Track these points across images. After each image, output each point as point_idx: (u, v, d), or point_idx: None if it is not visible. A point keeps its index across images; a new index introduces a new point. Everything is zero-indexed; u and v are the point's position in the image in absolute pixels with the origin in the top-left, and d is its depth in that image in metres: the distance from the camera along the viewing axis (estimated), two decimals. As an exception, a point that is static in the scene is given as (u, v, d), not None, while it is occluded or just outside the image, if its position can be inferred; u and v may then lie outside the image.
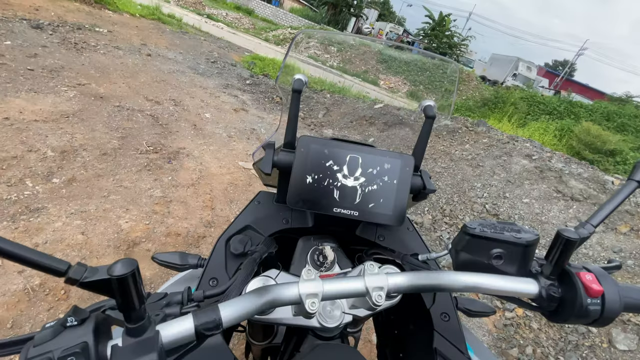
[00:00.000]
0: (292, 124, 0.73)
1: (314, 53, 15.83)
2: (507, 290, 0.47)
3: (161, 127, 3.94)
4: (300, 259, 0.74)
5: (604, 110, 14.14)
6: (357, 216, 0.69)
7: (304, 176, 0.69)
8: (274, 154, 0.72)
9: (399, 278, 0.52)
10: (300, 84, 0.71)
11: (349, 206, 0.69)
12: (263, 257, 0.64)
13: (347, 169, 0.70)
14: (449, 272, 0.50)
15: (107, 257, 2.18)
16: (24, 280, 1.92)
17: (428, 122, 0.75)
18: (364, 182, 0.70)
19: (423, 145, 0.76)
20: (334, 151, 0.70)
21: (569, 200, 3.69)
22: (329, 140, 0.71)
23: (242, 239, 0.70)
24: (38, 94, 3.70)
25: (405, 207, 0.69)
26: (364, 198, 0.70)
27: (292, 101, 0.71)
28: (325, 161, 0.70)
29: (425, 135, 0.75)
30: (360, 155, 0.71)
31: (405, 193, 0.70)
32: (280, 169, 0.73)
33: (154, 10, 11.04)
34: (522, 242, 0.48)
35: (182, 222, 2.64)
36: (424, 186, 0.74)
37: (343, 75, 12.80)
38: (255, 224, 0.76)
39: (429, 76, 13.92)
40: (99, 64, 5.18)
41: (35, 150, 2.83)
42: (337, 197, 0.69)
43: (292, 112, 0.72)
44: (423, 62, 8.91)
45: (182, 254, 0.71)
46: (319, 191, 0.69)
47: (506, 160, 4.34)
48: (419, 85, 14.81)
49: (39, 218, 2.28)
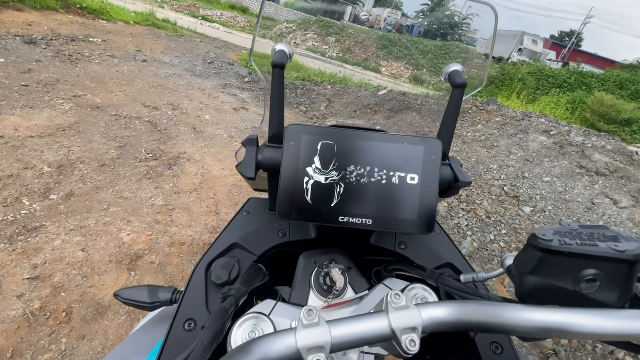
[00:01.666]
0: (276, 110, 0.57)
1: (312, 45, 15.56)
2: (611, 333, 0.31)
3: (160, 133, 3.83)
4: (303, 283, 0.59)
5: (617, 78, 13.58)
6: (371, 225, 0.53)
7: (296, 177, 0.53)
8: (257, 152, 0.56)
9: (437, 311, 0.37)
10: (283, 56, 0.55)
11: (360, 213, 0.53)
12: (240, 302, 0.48)
13: (354, 164, 0.54)
14: (516, 305, 0.35)
15: (110, 274, 2.07)
16: (24, 304, 1.82)
17: (457, 93, 0.57)
18: (377, 180, 0.54)
19: (451, 124, 0.58)
20: (333, 142, 0.54)
21: (594, 176, 3.45)
22: (327, 129, 0.55)
23: (226, 263, 0.55)
24: (33, 110, 3.62)
25: (435, 208, 0.53)
26: (378, 200, 0.53)
27: (273, 80, 0.55)
28: (324, 155, 0.54)
29: (454, 110, 0.58)
30: (370, 145, 0.54)
31: (434, 190, 0.53)
32: (268, 170, 0.57)
33: (148, 17, 10.93)
34: (627, 256, 0.32)
35: (186, 230, 2.52)
36: (456, 178, 0.57)
37: (343, 66, 12.54)
38: (245, 241, 0.61)
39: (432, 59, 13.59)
40: (94, 74, 5.09)
41: (32, 167, 2.74)
42: (342, 202, 0.53)
43: (275, 94, 0.56)
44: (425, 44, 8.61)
45: (152, 289, 0.57)
46: (318, 196, 0.53)
47: (522, 138, 4.10)
48: (422, 68, 14.46)
49: (37, 237, 2.19)
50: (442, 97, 6.33)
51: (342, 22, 18.53)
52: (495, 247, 3.06)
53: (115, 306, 1.92)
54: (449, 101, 0.57)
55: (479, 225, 3.28)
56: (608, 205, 3.22)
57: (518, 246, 3.06)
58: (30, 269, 2.00)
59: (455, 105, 0.57)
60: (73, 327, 1.79)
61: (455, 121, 0.58)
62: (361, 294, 0.56)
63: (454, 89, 0.57)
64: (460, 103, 0.57)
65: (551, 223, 3.19)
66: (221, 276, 0.53)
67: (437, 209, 0.54)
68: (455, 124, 0.58)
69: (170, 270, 2.20)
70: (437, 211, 0.54)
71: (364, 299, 0.55)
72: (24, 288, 1.90)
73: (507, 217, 3.33)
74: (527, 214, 3.31)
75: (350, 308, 0.54)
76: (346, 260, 0.63)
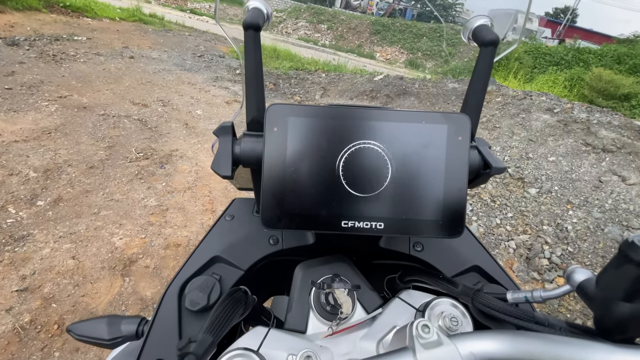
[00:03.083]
0: (253, 87, 0.44)
1: (304, 34, 15.26)
2: None
3: (150, 130, 3.69)
4: (301, 303, 0.48)
5: (614, 53, 13.39)
6: (383, 230, 0.42)
7: (284, 173, 0.42)
8: (233, 143, 0.44)
9: (482, 345, 0.27)
10: (258, 15, 0.43)
11: (368, 215, 0.42)
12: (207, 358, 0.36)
13: (358, 152, 0.42)
14: (603, 344, 0.24)
15: (102, 281, 1.98)
16: (13, 318, 1.73)
17: (486, 53, 0.45)
18: (389, 171, 0.42)
19: (479, 94, 0.46)
20: (330, 124, 0.42)
21: (601, 153, 3.35)
22: (321, 108, 0.43)
23: (204, 282, 0.45)
24: (17, 113, 3.48)
25: (464, 203, 0.42)
26: (391, 197, 0.42)
27: (246, 46, 0.43)
28: (318, 142, 0.42)
29: (483, 76, 0.46)
30: (378, 126, 0.42)
31: (462, 180, 0.42)
32: (248, 165, 0.46)
33: (135, 12, 10.65)
34: None
35: (181, 230, 2.42)
36: (486, 164, 0.45)
37: (337, 53, 12.30)
38: (228, 253, 0.51)
39: (427, 42, 13.35)
40: (79, 73, 4.92)
41: (17, 173, 2.62)
42: (345, 203, 0.42)
43: (250, 65, 0.44)
44: (419, 27, 8.39)
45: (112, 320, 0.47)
46: (312, 196, 0.42)
47: (525, 117, 3.98)
48: (416, 52, 14.21)
49: (25, 247, 2.08)
50: (439, 79, 6.17)
51: (334, 9, 18.15)
52: (501, 230, 2.98)
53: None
54: (475, 65, 0.45)
55: (484, 210, 3.18)
56: (616, 183, 3.13)
57: (525, 229, 2.97)
58: (19, 280, 1.90)
59: (484, 69, 0.45)
60: (66, 340, 1.70)
61: (484, 89, 0.46)
62: (373, 314, 0.45)
63: (481, 48, 0.45)
64: (490, 65, 0.45)
65: (558, 204, 3.10)
66: (197, 300, 0.43)
67: (466, 204, 0.43)
68: (484, 93, 0.46)
69: (167, 273, 2.10)
70: (466, 207, 0.42)
71: (376, 318, 0.45)
72: (13, 301, 1.80)
73: (512, 200, 3.24)
74: (533, 195, 3.21)
75: (361, 331, 0.44)
76: (353, 271, 0.52)
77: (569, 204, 3.09)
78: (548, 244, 2.78)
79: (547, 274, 2.57)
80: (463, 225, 0.42)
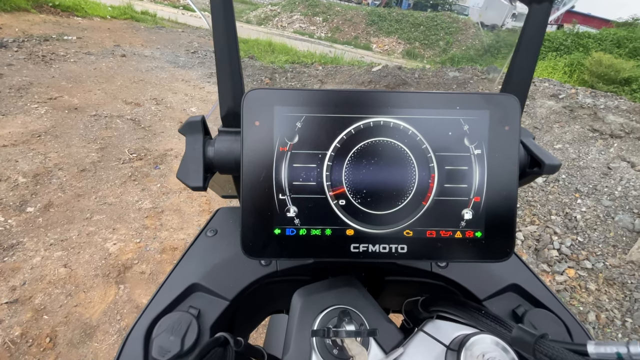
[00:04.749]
0: (226, 70, 0.35)
1: (299, 27, 15.04)
2: None
3: (144, 130, 3.59)
4: (300, 343, 0.37)
5: (613, 37, 13.20)
6: (406, 254, 0.32)
7: (270, 182, 0.32)
8: (204, 143, 0.34)
9: None
10: None
11: (385, 235, 0.32)
12: None
13: (371, 150, 0.32)
14: None
15: (96, 289, 1.89)
16: (3, 332, 1.65)
17: (538, 13, 0.35)
18: (415, 176, 0.32)
19: (527, 69, 0.36)
20: (332, 114, 0.32)
21: (609, 138, 3.24)
22: (315, 92, 0.32)
23: (177, 322, 0.36)
24: (6, 117, 3.37)
25: (514, 214, 0.32)
26: (417, 211, 0.32)
27: (214, 17, 0.33)
28: (316, 139, 0.32)
29: (533, 45, 0.35)
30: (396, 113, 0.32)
31: (510, 184, 0.32)
32: (226, 171, 0.36)
33: (126, 10, 10.46)
34: None
35: (177, 233, 2.33)
36: (534, 160, 0.36)
37: (333, 45, 12.12)
38: (209, 279, 0.41)
39: (424, 31, 13.18)
40: (70, 73, 4.80)
41: (5, 178, 2.52)
42: (353, 221, 0.32)
43: (219, 40, 0.33)
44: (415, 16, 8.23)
45: None
46: (309, 213, 0.32)
47: (529, 104, 3.87)
48: (414, 42, 14.01)
49: (15, 256, 2.00)
50: (438, 68, 6.03)
51: (329, 0, 17.87)
52: (508, 222, 2.89)
53: (105, 325, 1.75)
54: (522, 31, 0.35)
55: (490, 201, 3.09)
56: (625, 169, 3.03)
57: (532, 219, 2.88)
58: (8, 291, 1.82)
59: (535, 35, 0.35)
60: (59, 353, 1.62)
61: (534, 61, 0.36)
62: (393, 355, 0.35)
63: (532, 6, 0.35)
64: (544, 28, 0.35)
65: (566, 193, 3.00)
66: (167, 347, 0.34)
67: (516, 216, 0.33)
68: (534, 66, 0.36)
69: (163, 279, 2.01)
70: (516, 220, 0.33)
71: None
72: (3, 314, 1.72)
73: (518, 190, 3.14)
74: (540, 184, 3.12)
75: None
76: (364, 301, 0.40)
77: (577, 192, 2.99)
78: (557, 234, 2.69)
79: (557, 266, 2.49)
80: (513, 245, 0.32)
